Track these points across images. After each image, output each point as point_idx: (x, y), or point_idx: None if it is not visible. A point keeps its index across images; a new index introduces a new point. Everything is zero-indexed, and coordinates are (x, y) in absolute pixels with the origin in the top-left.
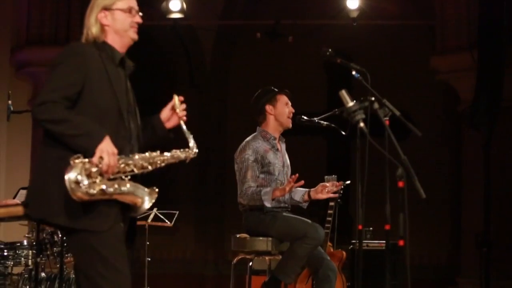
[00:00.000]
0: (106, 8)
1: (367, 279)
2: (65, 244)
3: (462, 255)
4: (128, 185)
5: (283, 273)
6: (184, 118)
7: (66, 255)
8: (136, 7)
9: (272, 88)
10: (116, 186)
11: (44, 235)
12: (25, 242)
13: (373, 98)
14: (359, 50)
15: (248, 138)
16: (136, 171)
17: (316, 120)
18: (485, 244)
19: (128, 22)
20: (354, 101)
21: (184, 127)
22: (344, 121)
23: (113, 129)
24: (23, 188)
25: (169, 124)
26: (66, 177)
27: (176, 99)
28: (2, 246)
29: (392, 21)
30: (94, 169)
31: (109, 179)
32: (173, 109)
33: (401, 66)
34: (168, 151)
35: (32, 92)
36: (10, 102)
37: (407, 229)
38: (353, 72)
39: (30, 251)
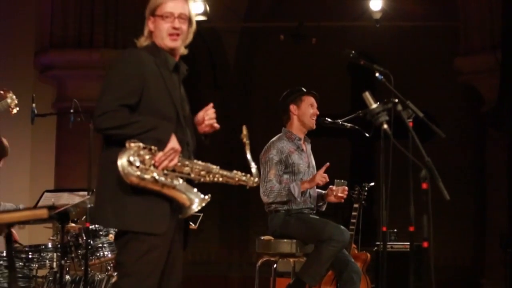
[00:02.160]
0: (152, 14)
1: (392, 281)
2: (89, 247)
3: (487, 257)
4: (180, 181)
5: (308, 275)
6: (247, 144)
7: (91, 257)
8: (176, 11)
9: (301, 88)
10: (169, 179)
11: (69, 237)
12: (49, 245)
13: (396, 100)
14: (382, 52)
15: (273, 139)
16: (192, 175)
17: (340, 122)
18: (509, 245)
19: (165, 28)
20: (378, 103)
21: (248, 155)
22: (368, 123)
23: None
24: (47, 191)
25: (201, 129)
26: (119, 162)
27: (245, 130)
28: (27, 248)
29: (415, 23)
30: (147, 156)
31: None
32: (206, 114)
33: (424, 67)
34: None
35: (56, 95)
36: (34, 105)
37: (431, 231)
38: (377, 74)
39: (55, 254)
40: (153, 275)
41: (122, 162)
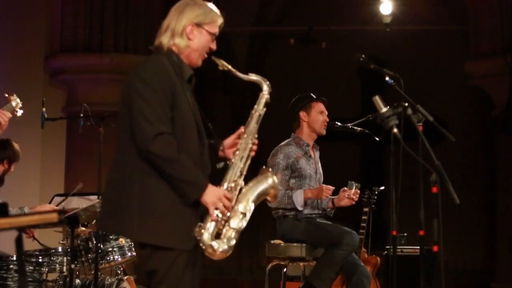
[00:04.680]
0: (196, 24)
1: (402, 285)
2: (99, 251)
3: (497, 260)
4: (251, 204)
5: (317, 279)
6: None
7: (101, 261)
8: (217, 33)
9: (310, 94)
10: (240, 216)
11: (79, 241)
12: (59, 249)
13: (406, 104)
14: (392, 56)
15: (281, 143)
16: (242, 184)
17: (350, 126)
18: None
19: (207, 47)
20: (388, 106)
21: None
22: (378, 126)
23: (197, 145)
24: (57, 195)
25: (227, 153)
26: (208, 254)
27: (218, 61)
28: (37, 252)
29: (425, 26)
30: (213, 225)
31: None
32: (237, 139)
33: (434, 71)
34: None
35: (66, 100)
36: (44, 109)
37: (441, 235)
38: (387, 78)
39: (65, 258)
40: (185, 279)
41: (209, 253)
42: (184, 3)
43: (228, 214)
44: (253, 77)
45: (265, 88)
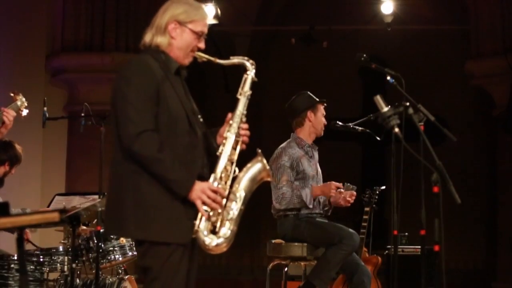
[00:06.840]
0: (179, 21)
1: (403, 284)
2: (100, 250)
3: (498, 260)
4: (241, 191)
5: (318, 279)
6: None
7: (102, 261)
8: (206, 32)
9: (310, 94)
10: (233, 202)
11: (80, 241)
12: (61, 248)
13: (407, 103)
14: (393, 55)
15: (283, 145)
16: (236, 171)
17: (351, 126)
18: None
19: (192, 46)
20: (389, 106)
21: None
22: (379, 126)
23: (186, 138)
24: (58, 194)
25: (219, 141)
26: (205, 251)
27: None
28: (38, 252)
29: (426, 26)
30: (206, 221)
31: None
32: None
33: (435, 71)
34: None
35: (67, 99)
36: (45, 108)
37: (443, 234)
38: (388, 77)
39: (66, 257)
40: (178, 274)
41: (209, 249)
42: (171, 1)
43: (218, 206)
44: (234, 60)
45: (249, 67)
